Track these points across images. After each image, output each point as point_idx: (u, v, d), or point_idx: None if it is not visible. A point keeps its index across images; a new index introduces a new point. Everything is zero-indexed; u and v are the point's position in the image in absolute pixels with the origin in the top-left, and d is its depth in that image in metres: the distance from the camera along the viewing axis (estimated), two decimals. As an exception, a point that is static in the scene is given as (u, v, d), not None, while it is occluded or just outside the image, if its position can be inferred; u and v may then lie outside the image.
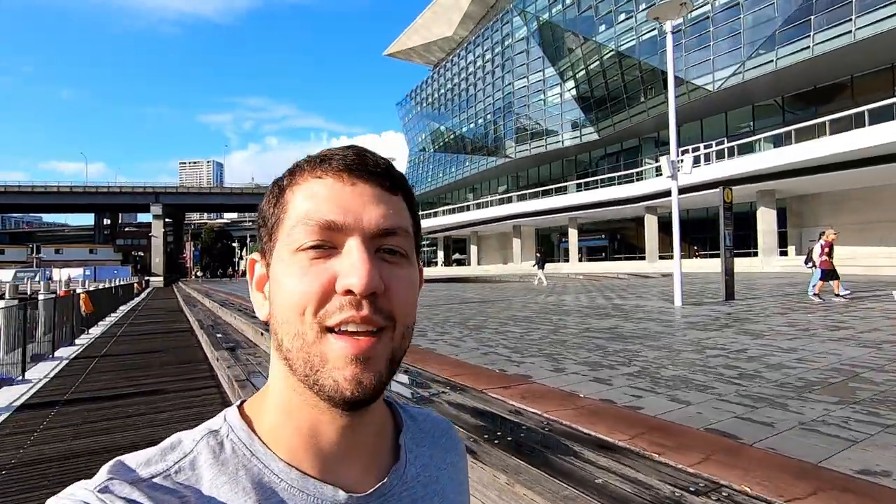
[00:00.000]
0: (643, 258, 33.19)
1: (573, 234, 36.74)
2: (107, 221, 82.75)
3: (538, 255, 22.94)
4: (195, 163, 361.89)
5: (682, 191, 30.13)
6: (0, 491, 3.10)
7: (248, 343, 7.53)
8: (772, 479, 2.06)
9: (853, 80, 24.97)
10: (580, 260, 38.23)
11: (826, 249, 9.18)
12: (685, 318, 7.56)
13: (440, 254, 54.66)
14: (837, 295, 9.05)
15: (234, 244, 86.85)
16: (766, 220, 26.43)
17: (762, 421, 2.86)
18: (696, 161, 29.78)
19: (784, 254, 28.46)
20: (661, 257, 32.62)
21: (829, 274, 9.03)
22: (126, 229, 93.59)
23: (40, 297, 10.36)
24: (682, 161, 9.33)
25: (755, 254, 27.84)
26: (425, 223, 49.65)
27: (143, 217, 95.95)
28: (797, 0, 23.28)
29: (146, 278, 49.61)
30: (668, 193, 27.64)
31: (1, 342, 6.45)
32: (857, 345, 4.98)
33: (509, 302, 11.87)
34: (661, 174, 31.81)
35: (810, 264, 9.57)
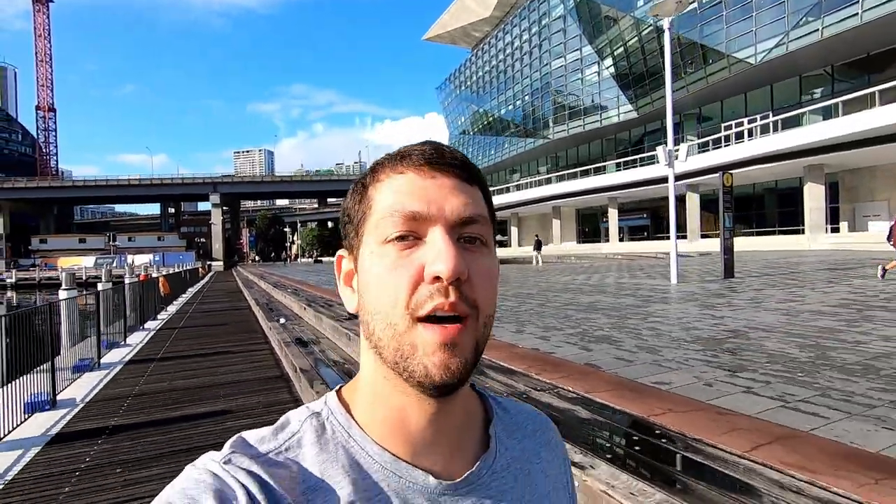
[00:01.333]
0: (684, 237, 32.90)
1: (613, 214, 36.67)
2: (171, 210, 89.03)
3: (536, 238, 25.51)
4: (247, 151, 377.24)
5: (725, 168, 29.68)
6: (130, 406, 4.61)
7: (294, 316, 9.05)
8: (592, 384, 3.15)
9: (910, 46, 23.57)
10: (621, 240, 38.09)
11: None
12: (665, 294, 8.35)
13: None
14: None
15: (286, 229, 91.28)
16: (813, 196, 25.59)
17: (632, 360, 3.92)
18: (740, 136, 29.13)
19: (836, 230, 27.51)
20: (703, 236, 32.21)
21: None
22: (188, 217, 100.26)
23: (126, 280, 12.40)
24: (678, 150, 9.90)
25: (803, 231, 27.05)
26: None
27: (202, 206, 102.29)
28: (844, -37, 22.18)
29: (208, 263, 53.62)
30: (708, 171, 27.48)
31: (107, 316, 8.23)
32: (780, 313, 5.71)
33: (523, 282, 12.84)
34: (703, 150, 31.31)
35: (892, 241, 9.00)
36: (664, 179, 31.07)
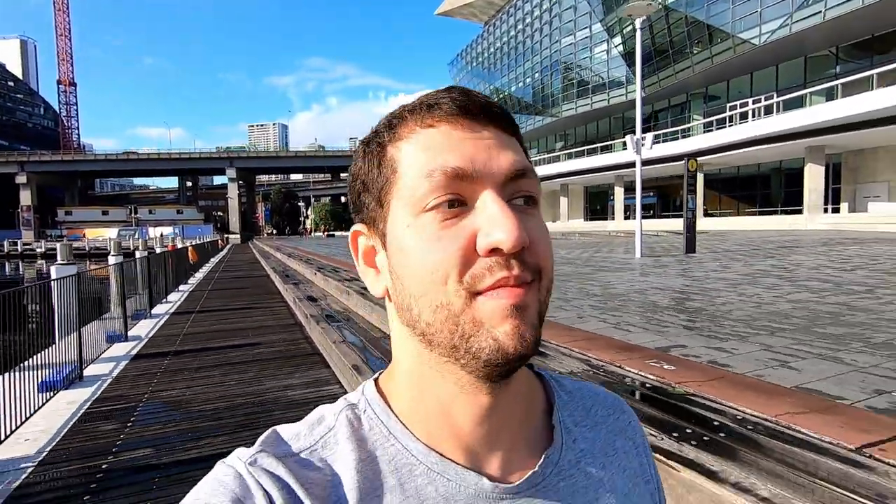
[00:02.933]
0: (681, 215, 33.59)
1: (619, 192, 37.40)
2: (188, 184, 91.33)
3: None
4: (262, 125, 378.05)
5: (725, 148, 30.35)
6: (182, 340, 6.12)
7: (305, 281, 10.55)
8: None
9: (915, 27, 23.73)
10: (626, 218, 38.88)
11: None
12: (621, 266, 9.55)
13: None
14: None
15: (300, 204, 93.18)
16: (813, 177, 26.19)
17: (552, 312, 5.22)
18: (744, 117, 29.62)
19: (836, 210, 28.16)
20: (706, 214, 32.97)
21: None
22: (205, 191, 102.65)
23: (158, 249, 14.02)
24: (644, 139, 10.97)
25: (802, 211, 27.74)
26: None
27: (217, 180, 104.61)
28: (849, -56, 22.30)
29: (226, 236, 55.71)
30: (713, 150, 28.18)
31: (149, 280, 9.79)
32: (691, 279, 6.94)
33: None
34: (708, 130, 31.86)
35: None
36: (670, 158, 31.89)
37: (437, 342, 0.34)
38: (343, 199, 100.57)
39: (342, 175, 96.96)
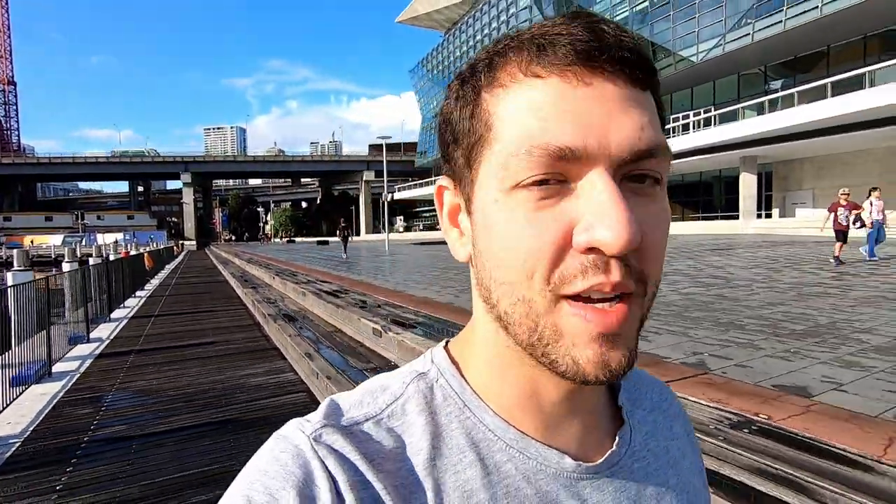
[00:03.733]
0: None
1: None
2: (140, 188, 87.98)
3: (342, 224, 21.56)
4: (219, 128, 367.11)
5: (674, 156, 32.46)
6: (144, 340, 6.47)
7: (264, 285, 10.92)
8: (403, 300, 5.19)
9: (829, 50, 26.25)
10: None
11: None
12: None
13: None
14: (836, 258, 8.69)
15: (259, 209, 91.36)
16: (747, 185, 28.38)
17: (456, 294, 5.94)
18: (686, 128, 31.72)
19: (769, 216, 30.56)
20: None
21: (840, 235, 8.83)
22: (159, 196, 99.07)
23: (112, 256, 13.95)
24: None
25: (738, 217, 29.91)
26: (431, 190, 52.05)
27: (171, 184, 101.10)
28: (773, -25, 24.50)
29: (181, 242, 54.20)
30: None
31: (109, 285, 9.92)
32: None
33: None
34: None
35: (858, 224, 9.06)
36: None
37: (516, 334, 0.31)
38: (304, 204, 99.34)
39: (303, 181, 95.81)
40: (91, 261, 11.34)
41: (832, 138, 22.80)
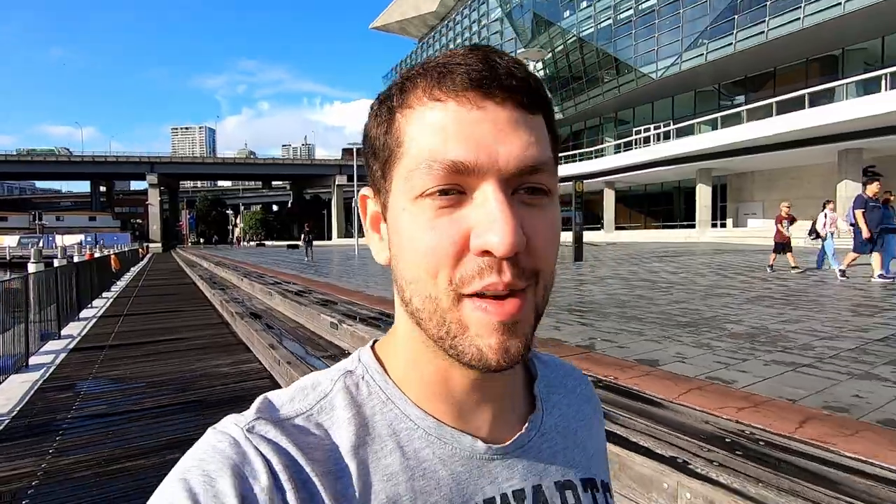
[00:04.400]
0: (600, 228, 36.91)
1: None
2: (102, 189, 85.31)
3: (306, 229, 22.66)
4: (187, 129, 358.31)
5: (631, 168, 33.69)
6: (115, 337, 6.82)
7: (233, 286, 11.27)
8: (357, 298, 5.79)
9: (776, 72, 28.13)
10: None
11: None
12: None
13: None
14: (795, 267, 9.07)
15: (229, 211, 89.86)
16: (703, 196, 30.01)
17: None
18: (647, 141, 33.32)
19: (724, 225, 32.35)
20: (618, 227, 36.39)
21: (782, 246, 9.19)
22: (123, 197, 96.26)
23: (76, 258, 14.01)
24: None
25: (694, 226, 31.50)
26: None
27: (137, 185, 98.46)
28: (725, 0, 26.19)
29: (146, 244, 53.00)
30: (622, 170, 31.45)
31: (77, 285, 10.11)
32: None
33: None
34: (618, 151, 35.24)
35: (813, 235, 9.47)
36: (585, 176, 34.82)
37: (427, 329, 0.34)
38: (275, 207, 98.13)
39: (274, 184, 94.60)
40: (56, 262, 11.49)
41: (778, 153, 24.49)
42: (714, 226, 31.27)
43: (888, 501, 1.49)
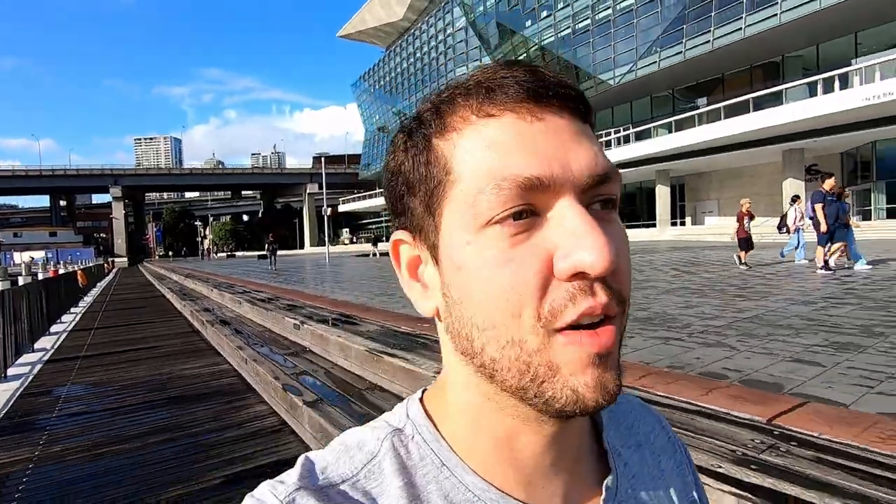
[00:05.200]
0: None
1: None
2: (62, 203, 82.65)
3: (270, 238, 23.25)
4: (152, 139, 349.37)
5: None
6: (89, 348, 7.13)
7: (203, 297, 11.56)
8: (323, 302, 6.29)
9: (724, 77, 29.82)
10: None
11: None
12: None
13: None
14: (744, 263, 9.23)
15: (197, 223, 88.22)
16: (662, 196, 31.48)
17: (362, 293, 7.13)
18: (608, 144, 34.69)
19: (683, 223, 33.91)
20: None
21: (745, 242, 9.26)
22: (85, 211, 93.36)
23: (41, 275, 13.99)
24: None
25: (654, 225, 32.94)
26: (375, 202, 53.54)
27: (99, 198, 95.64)
28: (675, 9, 27.68)
29: (111, 259, 51.76)
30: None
31: (47, 301, 10.25)
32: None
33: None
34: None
35: (784, 230, 9.64)
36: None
37: (502, 379, 0.30)
38: (245, 217, 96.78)
39: (244, 193, 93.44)
40: (21, 280, 11.56)
41: (729, 154, 26.03)
42: (674, 224, 32.86)
43: (679, 423, 2.12)
